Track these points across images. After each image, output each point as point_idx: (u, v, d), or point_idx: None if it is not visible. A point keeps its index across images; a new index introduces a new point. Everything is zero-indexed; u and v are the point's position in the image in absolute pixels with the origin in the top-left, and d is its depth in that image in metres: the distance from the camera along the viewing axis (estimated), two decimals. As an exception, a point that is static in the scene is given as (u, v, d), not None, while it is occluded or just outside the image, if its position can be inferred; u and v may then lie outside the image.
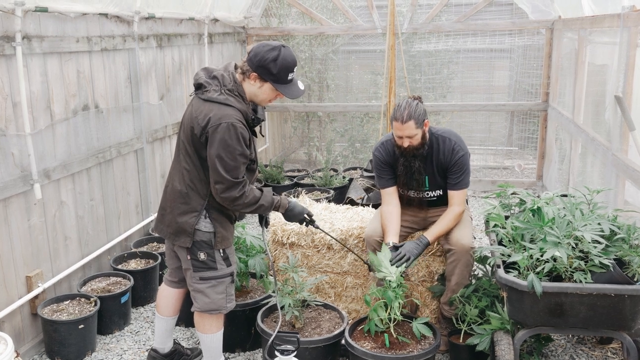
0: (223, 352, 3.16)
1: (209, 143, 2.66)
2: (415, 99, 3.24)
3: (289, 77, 2.74)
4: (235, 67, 2.80)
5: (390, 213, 3.34)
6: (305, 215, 3.09)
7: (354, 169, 7.19)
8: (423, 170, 3.32)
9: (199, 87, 2.77)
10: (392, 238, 3.23)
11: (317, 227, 3.21)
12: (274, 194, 2.93)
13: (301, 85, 2.83)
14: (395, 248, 3.17)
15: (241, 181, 2.70)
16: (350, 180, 6.32)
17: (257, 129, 2.92)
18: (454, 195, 3.33)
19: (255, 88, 2.76)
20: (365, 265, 3.51)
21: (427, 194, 3.42)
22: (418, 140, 3.22)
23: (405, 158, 3.30)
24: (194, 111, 2.73)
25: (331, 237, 3.47)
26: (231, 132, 2.62)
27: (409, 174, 3.32)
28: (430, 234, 3.26)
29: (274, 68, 2.68)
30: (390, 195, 3.41)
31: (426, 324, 3.02)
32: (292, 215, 3.04)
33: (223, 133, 2.61)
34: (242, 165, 2.70)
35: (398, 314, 2.89)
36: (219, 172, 2.65)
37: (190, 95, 2.84)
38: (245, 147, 2.68)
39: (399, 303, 2.89)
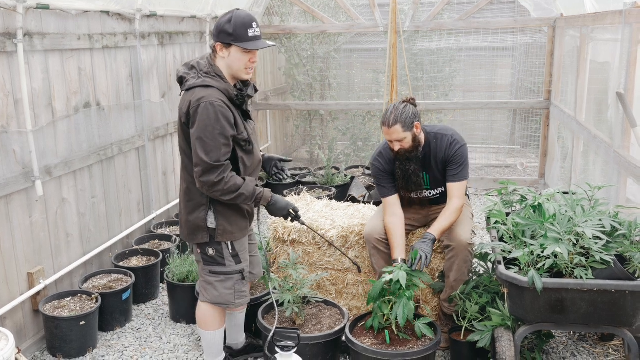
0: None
1: (191, 126, 2.65)
2: (405, 102, 3.21)
3: (250, 34, 2.66)
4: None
5: (394, 225, 3.27)
6: (291, 210, 2.98)
7: (356, 167, 7.20)
8: (420, 172, 3.30)
9: (180, 80, 2.78)
10: (400, 254, 3.18)
11: (303, 223, 3.10)
12: (257, 185, 2.83)
13: (269, 42, 2.77)
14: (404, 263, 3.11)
15: (221, 165, 2.64)
16: (352, 178, 6.33)
17: (252, 116, 2.89)
18: (453, 188, 3.28)
19: (226, 59, 2.71)
20: (355, 266, 3.51)
21: (430, 193, 3.41)
22: (409, 143, 3.19)
23: (400, 162, 3.28)
24: (180, 103, 2.75)
25: (320, 235, 3.43)
26: (209, 110, 2.59)
27: (406, 177, 3.30)
28: (435, 230, 3.20)
29: (229, 28, 2.64)
30: (392, 206, 3.34)
31: (429, 323, 3.01)
32: (276, 209, 2.94)
33: (202, 113, 2.60)
34: (222, 146, 2.63)
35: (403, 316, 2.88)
36: (197, 154, 2.62)
37: (180, 95, 2.84)
38: (226, 126, 2.62)
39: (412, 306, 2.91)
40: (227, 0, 5.95)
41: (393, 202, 3.35)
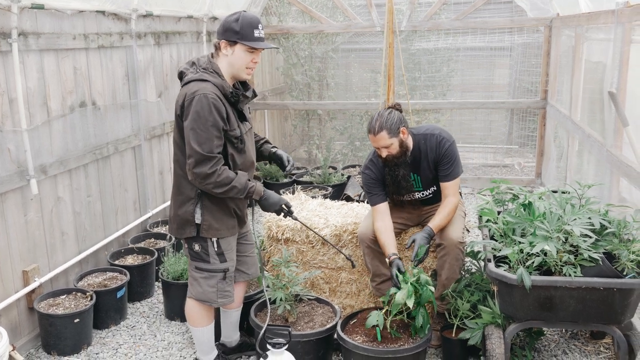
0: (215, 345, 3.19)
1: (185, 118, 2.69)
2: (390, 108, 3.23)
3: (256, 34, 2.72)
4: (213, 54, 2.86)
5: (384, 228, 3.29)
6: (283, 206, 2.98)
7: (353, 166, 7.22)
8: (409, 176, 3.32)
9: (180, 76, 2.83)
10: (392, 249, 3.20)
11: (296, 219, 3.11)
12: (249, 179, 2.84)
13: (272, 44, 2.80)
14: (399, 260, 3.15)
15: (214, 157, 2.67)
16: (349, 177, 6.35)
17: (247, 113, 2.93)
18: (447, 187, 3.30)
19: (229, 56, 2.76)
20: (349, 262, 3.52)
21: (422, 194, 3.43)
22: (396, 149, 3.20)
23: (389, 168, 3.29)
24: (177, 97, 2.79)
25: (314, 232, 3.43)
26: (203, 102, 2.63)
27: (396, 182, 3.32)
28: (434, 225, 3.23)
29: (236, 26, 2.70)
30: (381, 213, 3.34)
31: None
32: (268, 204, 2.94)
33: (196, 104, 2.63)
34: (215, 138, 2.66)
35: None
36: (191, 145, 2.65)
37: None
38: (218, 119, 2.65)
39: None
40: (224, 0, 5.97)
41: (383, 209, 3.35)
